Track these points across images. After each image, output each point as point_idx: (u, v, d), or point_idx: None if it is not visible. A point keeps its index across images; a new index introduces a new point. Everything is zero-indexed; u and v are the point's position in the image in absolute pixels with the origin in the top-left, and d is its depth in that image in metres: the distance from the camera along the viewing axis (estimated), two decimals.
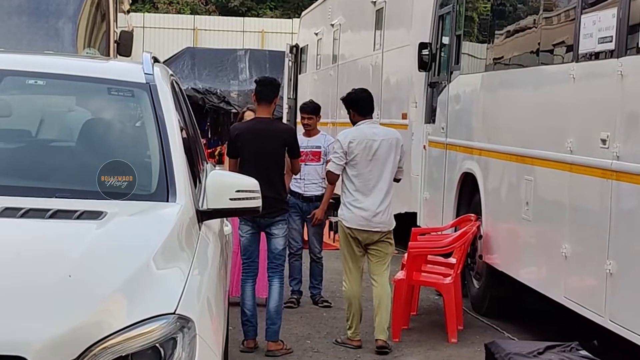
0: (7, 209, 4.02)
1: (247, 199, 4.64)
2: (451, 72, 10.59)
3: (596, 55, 7.00)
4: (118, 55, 11.45)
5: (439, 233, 9.99)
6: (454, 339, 8.31)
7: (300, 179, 9.59)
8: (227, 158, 8.26)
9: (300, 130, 10.13)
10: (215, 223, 5.09)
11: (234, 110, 22.96)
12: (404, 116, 12.71)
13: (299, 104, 16.34)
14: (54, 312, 3.32)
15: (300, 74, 20.87)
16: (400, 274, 8.65)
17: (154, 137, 4.73)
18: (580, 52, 7.21)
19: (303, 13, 22.54)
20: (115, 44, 11.50)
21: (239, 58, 25.00)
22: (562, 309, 7.46)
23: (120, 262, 3.68)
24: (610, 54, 6.74)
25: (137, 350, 3.33)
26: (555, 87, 7.77)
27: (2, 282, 3.43)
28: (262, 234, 7.98)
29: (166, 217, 4.23)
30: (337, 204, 8.35)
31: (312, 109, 10.03)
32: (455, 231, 9.42)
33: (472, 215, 9.42)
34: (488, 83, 9.44)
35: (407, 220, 11.70)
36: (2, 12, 11.07)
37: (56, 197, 4.30)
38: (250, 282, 7.97)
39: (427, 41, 11.32)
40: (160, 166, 4.57)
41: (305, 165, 9.51)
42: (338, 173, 8.15)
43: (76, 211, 4.04)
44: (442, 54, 11.07)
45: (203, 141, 8.69)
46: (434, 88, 11.26)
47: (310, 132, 9.93)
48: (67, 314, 3.32)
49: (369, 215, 8.01)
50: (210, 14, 36.59)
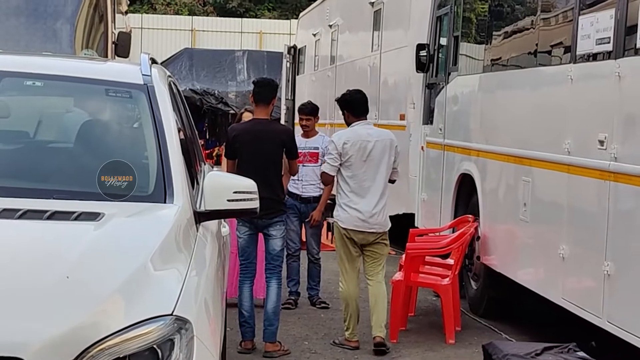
0: (5, 210, 4.02)
1: (244, 200, 4.64)
2: (449, 73, 10.59)
3: (594, 57, 7.00)
4: (116, 57, 11.44)
5: (437, 234, 9.99)
6: (452, 340, 8.31)
7: (298, 180, 9.59)
8: (225, 159, 8.26)
9: (298, 131, 10.13)
10: (213, 224, 5.09)
11: (231, 111, 22.97)
12: (402, 117, 12.72)
13: (297, 105, 16.33)
14: (51, 313, 3.32)
15: (298, 75, 20.87)
16: (398, 275, 8.65)
17: (151, 139, 4.73)
18: (578, 53, 7.21)
19: (301, 14, 22.54)
20: (113, 45, 11.49)
21: (236, 59, 25.01)
22: (560, 310, 7.46)
23: (117, 264, 3.68)
24: (608, 55, 6.74)
25: (135, 351, 3.33)
26: (553, 89, 7.77)
27: (0, 284, 3.43)
28: (260, 235, 7.99)
29: (164, 219, 4.23)
30: (334, 204, 8.35)
31: (311, 110, 10.04)
32: (453, 232, 9.43)
33: (470, 216, 9.43)
34: (486, 84, 9.44)
35: (405, 221, 11.71)
36: (0, 13, 11.07)
37: (54, 199, 4.30)
38: (248, 283, 7.97)
39: (425, 42, 11.31)
40: (157, 167, 4.57)
41: (303, 166, 9.51)
42: (332, 174, 8.15)
43: (74, 212, 4.04)
44: (440, 55, 11.07)
45: (201, 142, 8.67)
46: (432, 89, 11.26)
47: (308, 133, 9.93)
48: (65, 315, 3.32)
49: (364, 217, 8.02)
50: (208, 15, 36.58)
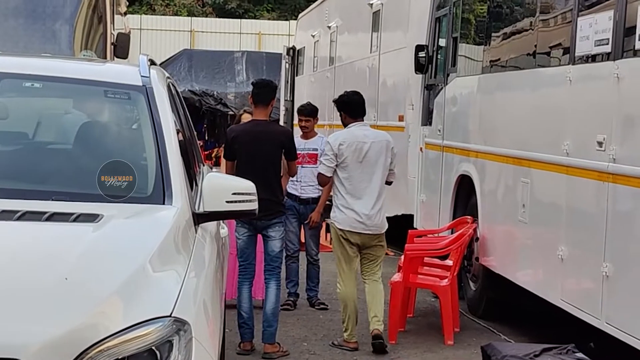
0: (3, 211, 4.02)
1: (243, 201, 4.64)
2: (448, 75, 10.59)
3: (593, 58, 7.00)
4: (115, 58, 11.44)
5: (436, 235, 9.99)
6: (451, 341, 8.31)
7: (297, 181, 9.60)
8: (224, 160, 8.26)
9: (297, 132, 10.13)
10: (211, 225, 5.09)
11: (230, 112, 22.97)
12: (401, 118, 12.72)
13: (296, 106, 16.33)
14: (50, 315, 3.32)
15: (297, 76, 20.87)
16: (397, 276, 8.65)
17: (150, 140, 4.73)
18: (576, 54, 7.21)
19: (300, 15, 22.55)
20: (112, 46, 11.49)
21: (236, 60, 25.01)
22: (559, 311, 7.47)
23: (116, 265, 3.68)
24: (606, 57, 6.74)
25: (134, 353, 3.33)
26: (552, 90, 7.77)
27: None
28: (259, 237, 7.99)
29: (162, 220, 4.23)
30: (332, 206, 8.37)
31: (310, 112, 10.04)
32: (452, 233, 9.43)
33: (469, 217, 9.43)
34: (485, 85, 9.44)
35: (404, 222, 11.71)
36: None
37: (53, 200, 4.30)
38: (247, 284, 7.97)
39: (424, 43, 11.32)
40: (156, 169, 4.57)
41: (302, 167, 9.51)
42: (329, 175, 8.16)
43: (73, 214, 4.04)
44: (439, 56, 11.08)
45: (200, 143, 8.68)
46: (431, 90, 11.26)
47: (307, 134, 9.93)
48: (64, 317, 3.32)
49: (360, 218, 8.03)
50: (207, 16, 36.60)
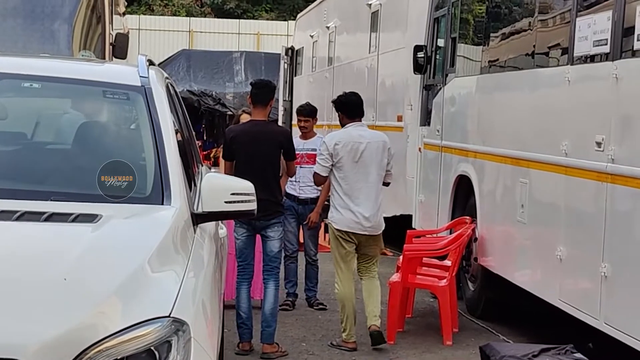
0: (2, 212, 4.02)
1: (242, 201, 4.64)
2: (446, 75, 10.59)
3: (591, 58, 7.01)
4: (114, 58, 11.44)
5: (434, 235, 9.99)
6: (449, 342, 8.31)
7: (295, 181, 9.60)
8: (223, 160, 8.26)
9: (296, 132, 10.13)
10: (210, 226, 5.08)
11: (229, 113, 22.97)
12: (400, 119, 12.72)
13: (294, 106, 16.33)
14: (49, 315, 3.32)
15: (295, 76, 20.87)
16: (396, 277, 8.65)
17: (149, 140, 4.73)
18: (575, 54, 7.22)
19: (298, 15, 22.55)
20: (111, 47, 11.49)
21: (234, 60, 25.00)
22: (557, 311, 7.47)
23: (115, 265, 3.68)
24: (605, 57, 6.74)
25: (132, 353, 3.33)
26: (551, 90, 7.78)
27: None
28: (258, 237, 7.99)
29: (161, 220, 4.23)
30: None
31: (309, 112, 10.04)
32: (451, 234, 9.43)
33: (467, 217, 9.43)
34: (483, 85, 9.45)
35: (403, 222, 11.72)
36: None
37: (51, 200, 4.30)
38: (246, 284, 7.97)
39: (423, 44, 11.33)
40: (155, 169, 4.57)
41: (301, 167, 9.50)
42: (324, 175, 8.18)
43: (71, 214, 4.04)
44: (438, 57, 11.08)
45: (198, 143, 8.67)
46: (430, 90, 11.26)
47: (306, 134, 9.93)
48: (63, 317, 3.32)
49: (357, 218, 8.05)
50: (205, 16, 36.60)
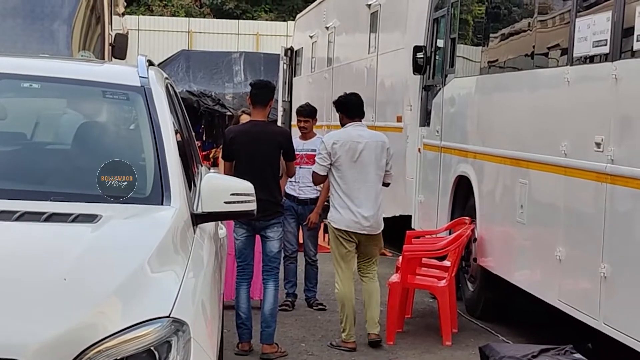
0: (2, 212, 4.02)
1: (242, 202, 4.64)
2: (446, 75, 10.59)
3: (591, 59, 7.01)
4: (113, 58, 11.43)
5: (434, 236, 9.99)
6: (449, 342, 8.31)
7: (295, 181, 9.59)
8: (222, 161, 8.26)
9: (296, 133, 10.13)
10: (210, 226, 5.09)
11: (228, 113, 22.97)
12: (399, 119, 12.72)
13: (293, 106, 16.34)
14: (49, 315, 3.32)
15: (295, 76, 20.87)
16: (395, 277, 8.65)
17: (148, 141, 4.73)
18: (574, 55, 7.22)
19: (298, 16, 22.55)
20: (110, 47, 11.48)
21: (233, 61, 25.00)
22: (557, 312, 7.47)
23: (115, 265, 3.68)
24: (604, 58, 6.74)
25: (132, 353, 3.33)
26: (550, 91, 7.78)
27: None
28: (257, 237, 7.99)
29: (161, 220, 4.23)
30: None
31: (309, 112, 10.04)
32: (450, 234, 9.43)
33: (467, 218, 9.43)
34: (483, 86, 9.45)
35: (402, 223, 11.72)
36: None
37: (51, 200, 4.30)
38: (245, 285, 7.96)
39: (422, 44, 11.33)
40: (155, 169, 4.57)
41: (300, 168, 9.49)
42: (322, 174, 8.20)
43: (71, 214, 4.04)
44: (437, 57, 11.08)
45: (197, 144, 8.66)
46: (429, 91, 11.26)
47: (306, 135, 9.93)
48: (62, 317, 3.32)
49: (356, 218, 8.07)
50: (204, 17, 36.59)
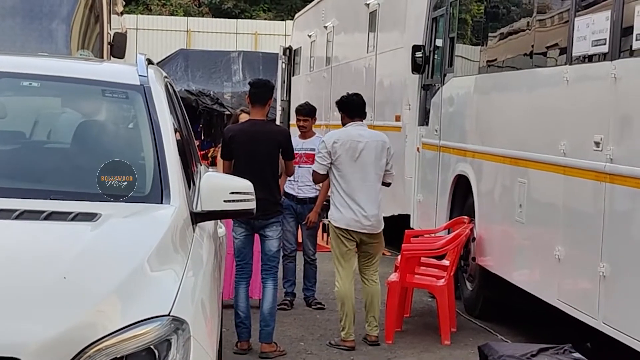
0: (2, 210, 4.02)
1: (241, 200, 4.64)
2: (444, 75, 10.59)
3: (590, 58, 7.01)
4: (112, 57, 11.43)
5: (433, 235, 9.99)
6: (447, 341, 8.31)
7: (294, 181, 9.60)
8: (221, 160, 8.25)
9: (295, 132, 10.13)
10: (209, 225, 5.09)
11: (227, 112, 22.97)
12: (398, 118, 12.72)
13: (292, 105, 16.34)
14: (48, 314, 3.31)
15: (293, 76, 20.86)
16: (394, 276, 8.65)
17: (148, 139, 4.72)
18: (574, 54, 7.22)
19: (296, 15, 22.54)
20: (109, 46, 11.48)
21: (232, 60, 24.99)
22: (556, 311, 7.47)
23: (114, 264, 3.67)
24: (603, 57, 6.74)
25: (132, 352, 3.32)
26: (549, 90, 7.78)
27: None
28: (256, 236, 7.99)
29: (160, 219, 4.23)
30: (330, 205, 8.39)
31: (308, 111, 10.04)
32: (449, 233, 9.43)
33: (466, 217, 9.43)
34: (481, 85, 9.45)
35: (401, 222, 11.72)
36: None
37: (51, 199, 4.30)
38: (244, 284, 7.96)
39: (421, 43, 11.33)
40: (154, 168, 4.57)
41: (299, 167, 9.50)
42: (322, 173, 8.22)
43: (71, 213, 4.03)
44: (436, 57, 11.08)
45: (196, 143, 8.66)
46: (428, 90, 11.27)
47: (305, 134, 9.94)
48: (62, 316, 3.32)
49: (357, 217, 8.08)
50: (203, 16, 36.59)
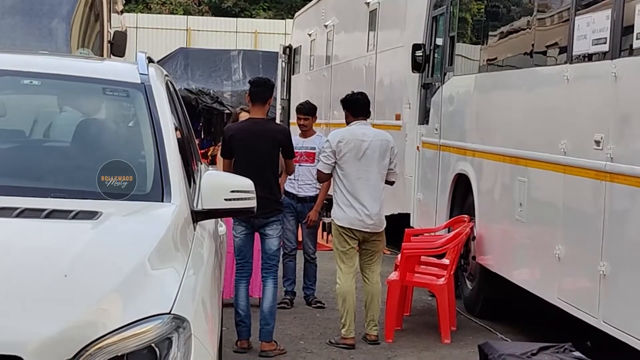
0: (2, 208, 4.01)
1: (242, 199, 4.64)
2: (445, 74, 10.59)
3: (590, 57, 7.01)
4: (112, 56, 11.43)
5: (433, 234, 9.99)
6: (447, 340, 8.32)
7: (294, 179, 9.60)
8: (221, 158, 8.25)
9: (295, 131, 10.14)
10: (210, 223, 5.09)
11: (227, 111, 23.00)
12: (398, 117, 12.72)
13: (292, 104, 16.34)
14: (49, 312, 3.31)
15: (293, 74, 20.86)
16: (394, 275, 8.66)
17: (149, 138, 4.72)
18: (574, 53, 7.22)
19: (296, 14, 22.53)
20: (109, 44, 11.48)
21: (232, 58, 25.02)
22: (556, 310, 7.47)
23: (115, 262, 3.67)
24: (604, 56, 6.75)
25: (133, 350, 3.32)
26: (549, 89, 7.78)
27: None
28: (256, 235, 7.99)
29: (161, 218, 4.23)
30: (330, 204, 8.40)
31: (309, 110, 10.05)
32: (449, 232, 9.43)
33: (466, 216, 9.44)
34: (481, 84, 9.45)
35: (401, 221, 11.72)
36: None
37: (51, 197, 4.30)
38: (244, 282, 7.96)
39: (421, 42, 11.33)
40: (155, 166, 4.57)
41: (300, 165, 9.51)
42: (327, 172, 8.22)
43: (71, 211, 4.03)
44: (436, 55, 11.09)
45: (196, 141, 8.66)
46: (428, 89, 11.27)
47: (306, 133, 9.94)
48: (63, 314, 3.32)
49: (360, 216, 8.09)
50: (203, 15, 36.61)
